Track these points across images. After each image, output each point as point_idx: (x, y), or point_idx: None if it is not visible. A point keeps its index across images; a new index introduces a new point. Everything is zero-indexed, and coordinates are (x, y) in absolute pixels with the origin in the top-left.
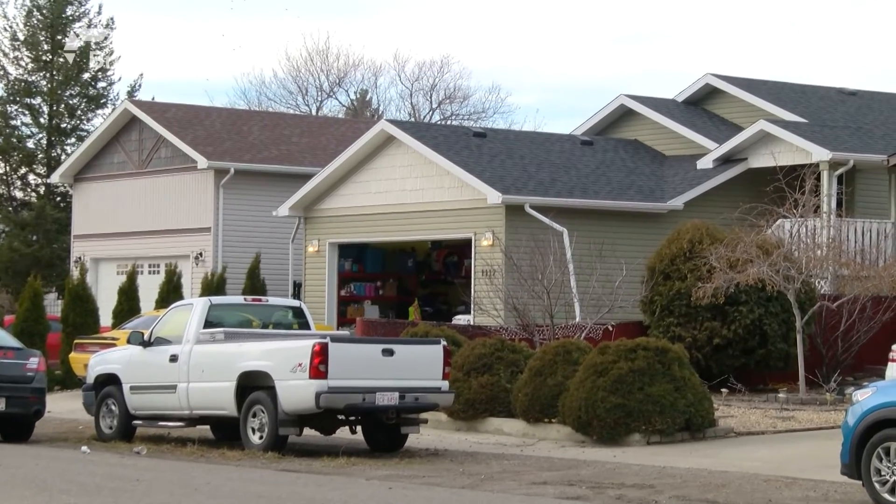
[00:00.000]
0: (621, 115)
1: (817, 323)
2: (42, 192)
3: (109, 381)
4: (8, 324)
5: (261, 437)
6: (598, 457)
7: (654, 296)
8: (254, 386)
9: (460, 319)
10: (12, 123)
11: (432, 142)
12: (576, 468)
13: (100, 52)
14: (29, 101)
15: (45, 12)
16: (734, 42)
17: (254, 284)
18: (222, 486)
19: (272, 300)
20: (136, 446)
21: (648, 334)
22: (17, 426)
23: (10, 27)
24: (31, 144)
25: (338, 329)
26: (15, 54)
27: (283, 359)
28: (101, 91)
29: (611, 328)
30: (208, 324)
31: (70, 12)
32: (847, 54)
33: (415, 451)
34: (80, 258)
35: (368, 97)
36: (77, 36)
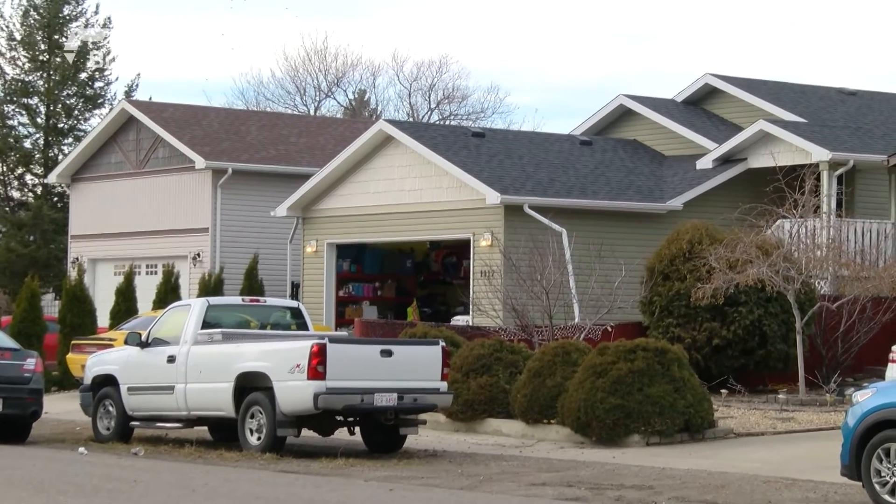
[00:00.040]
0: (620, 115)
1: (817, 324)
2: (39, 192)
3: (107, 382)
4: (5, 324)
5: (259, 438)
6: (598, 458)
7: (653, 296)
8: (252, 387)
9: (459, 320)
10: (9, 123)
11: (431, 142)
12: (575, 469)
13: (97, 52)
14: (26, 100)
15: (41, 12)
16: (734, 42)
17: (252, 285)
18: (220, 487)
19: (270, 301)
20: (134, 447)
21: (648, 335)
22: (15, 427)
23: (7, 27)
24: (28, 144)
25: (336, 330)
26: (12, 54)
27: (281, 360)
28: (98, 91)
29: (610, 329)
30: (206, 324)
31: (67, 12)
32: (847, 54)
33: (413, 452)
34: (77, 258)
35: (367, 97)
36: (76, 35)
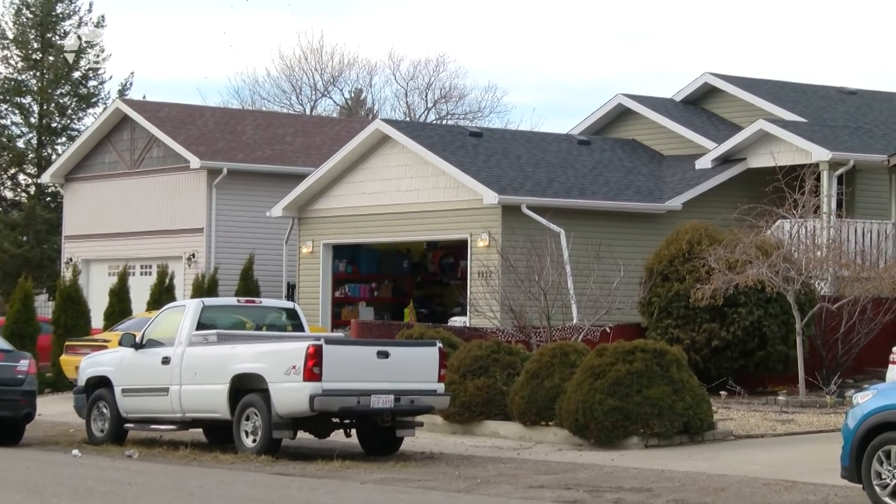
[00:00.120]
0: (619, 115)
1: (817, 325)
2: (32, 192)
3: (101, 384)
4: None
5: (254, 441)
6: (596, 460)
7: (652, 297)
8: (247, 388)
9: (456, 321)
10: (2, 123)
11: (428, 141)
12: (573, 472)
13: (90, 51)
14: (19, 100)
15: (34, 10)
16: (733, 41)
17: (247, 286)
18: (215, 489)
19: (266, 302)
20: (128, 450)
21: (646, 336)
22: (8, 429)
23: None
24: (21, 144)
25: (332, 331)
26: (4, 53)
27: (276, 361)
28: (91, 90)
29: (608, 330)
30: (201, 325)
31: (60, 10)
32: (847, 53)
33: (410, 454)
34: (71, 259)
35: (363, 96)
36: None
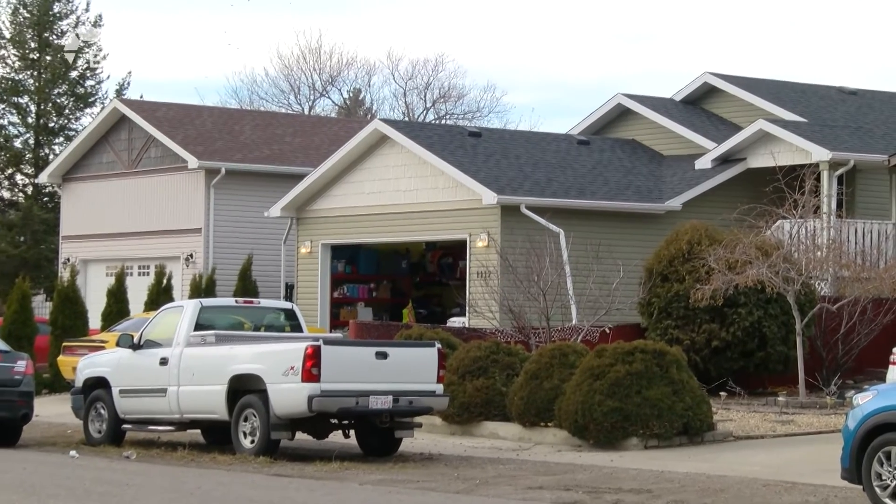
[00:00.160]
0: (618, 115)
1: (817, 325)
2: (30, 192)
3: (98, 385)
4: None
5: (252, 442)
6: (595, 461)
7: (651, 298)
8: (245, 389)
9: (455, 322)
10: None
11: (426, 141)
12: (572, 473)
13: (88, 50)
14: (16, 99)
15: (31, 10)
16: (733, 41)
17: (245, 286)
18: (213, 490)
19: (264, 302)
20: (126, 451)
21: (646, 337)
22: (5, 430)
23: None
24: (18, 144)
25: (330, 331)
26: (1, 52)
27: (274, 362)
28: (89, 89)
29: (608, 331)
30: (199, 326)
31: (57, 9)
32: (847, 53)
33: (409, 455)
34: (68, 259)
35: (362, 96)
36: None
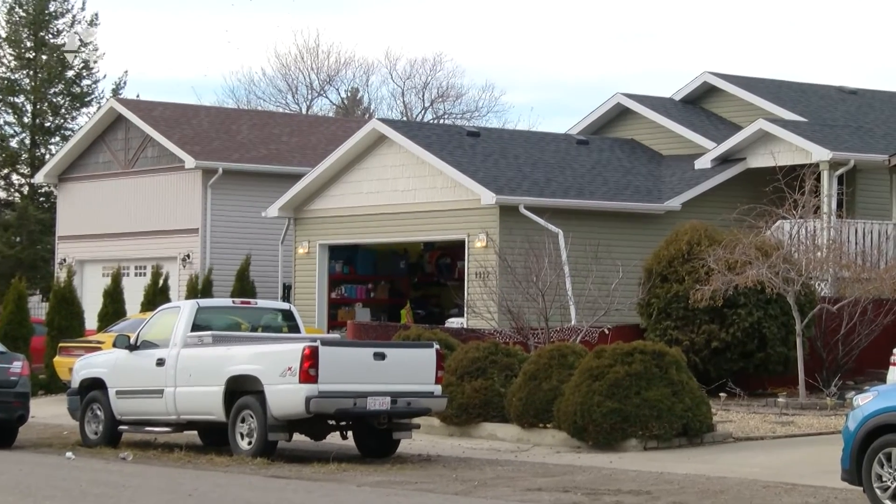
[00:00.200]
0: (618, 114)
1: (817, 326)
2: (26, 192)
3: (95, 386)
4: None
5: (250, 443)
6: (594, 462)
7: (651, 298)
8: (242, 390)
9: (453, 322)
10: None
11: (425, 141)
12: (571, 474)
13: (84, 49)
14: (12, 99)
15: (26, 8)
16: (733, 40)
17: (243, 287)
18: (210, 492)
19: (261, 303)
20: (122, 452)
21: (645, 338)
22: (1, 432)
23: None
24: (14, 144)
25: (328, 332)
26: None
27: (272, 363)
28: (85, 89)
29: (607, 331)
30: (196, 327)
31: (53, 8)
32: (847, 52)
33: (407, 456)
34: (64, 259)
35: (359, 96)
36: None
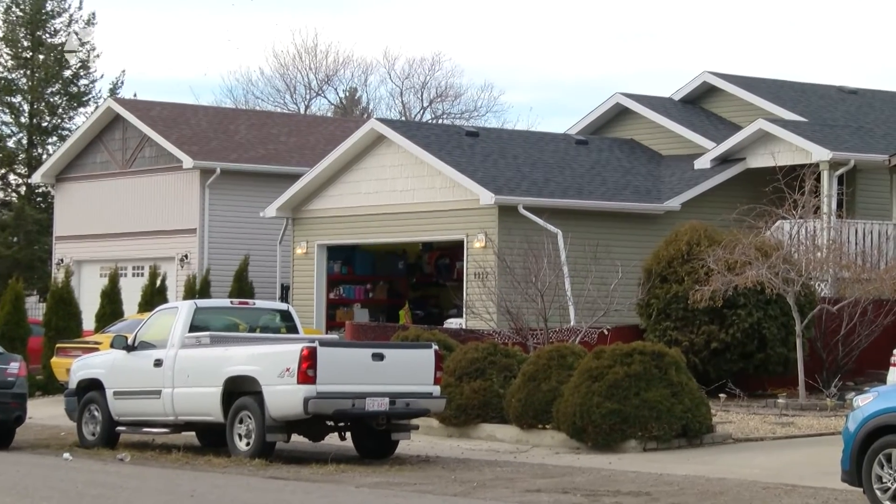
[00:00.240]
0: (617, 114)
1: (817, 326)
2: (23, 192)
3: (92, 387)
4: None
5: (248, 444)
6: (594, 464)
7: (650, 299)
8: (240, 391)
9: (452, 323)
10: None
11: (423, 141)
12: (570, 475)
13: (81, 49)
14: (9, 99)
15: (24, 8)
16: (732, 40)
17: (241, 287)
18: (208, 493)
19: (259, 303)
20: (120, 453)
21: (645, 338)
22: None
23: None
24: (11, 144)
25: (327, 333)
26: None
27: (270, 363)
28: (82, 89)
29: (606, 332)
30: (194, 327)
31: (50, 7)
32: (847, 52)
33: (405, 457)
34: (62, 260)
35: (358, 95)
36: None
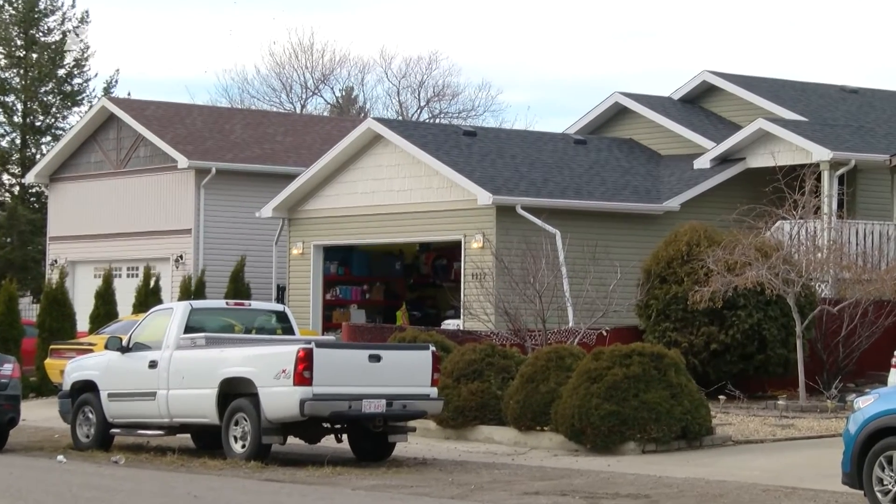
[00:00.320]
0: (616, 114)
1: (818, 328)
2: (16, 192)
3: (86, 388)
4: None
5: (243, 446)
6: (592, 466)
7: (649, 300)
8: (236, 393)
9: (450, 324)
10: None
11: (420, 141)
12: (569, 478)
13: (74, 47)
14: (2, 98)
15: (16, 6)
16: (732, 39)
17: (237, 288)
18: (204, 495)
19: (255, 304)
20: (114, 455)
21: (644, 339)
22: None
23: None
24: (4, 143)
25: (323, 334)
26: None
27: (266, 365)
28: (76, 88)
29: (605, 333)
30: (189, 329)
31: (43, 6)
32: (848, 51)
33: (402, 460)
34: (56, 260)
35: (354, 95)
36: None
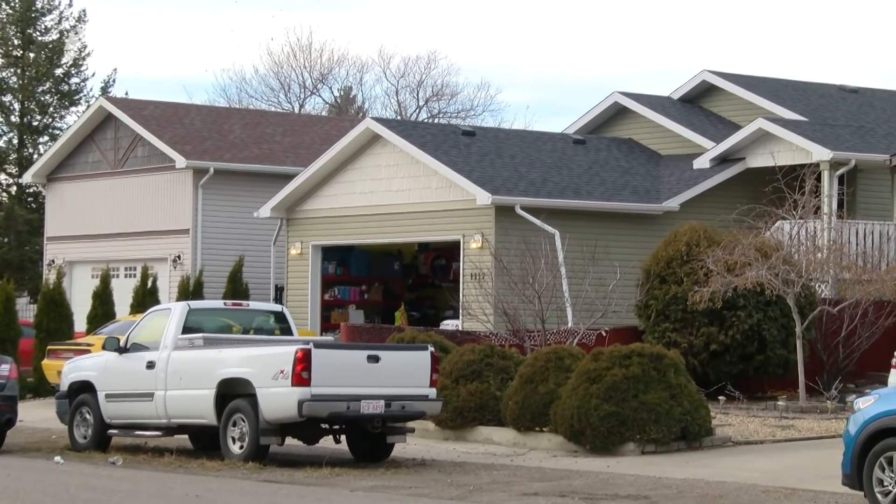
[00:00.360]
0: (615, 114)
1: (818, 328)
2: (13, 192)
3: (84, 389)
4: None
5: (241, 447)
6: (591, 467)
7: (649, 300)
8: (234, 394)
9: (448, 325)
10: None
11: (419, 141)
12: (568, 479)
13: (72, 47)
14: None
15: (13, 5)
16: (732, 38)
17: (236, 288)
18: (201, 497)
19: (253, 305)
20: (112, 456)
21: (643, 340)
22: None
23: None
24: (1, 143)
25: (321, 334)
26: None
27: (264, 366)
28: (74, 87)
29: (604, 333)
30: (187, 329)
31: (40, 5)
32: (848, 51)
33: (401, 460)
34: (53, 261)
35: (353, 94)
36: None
